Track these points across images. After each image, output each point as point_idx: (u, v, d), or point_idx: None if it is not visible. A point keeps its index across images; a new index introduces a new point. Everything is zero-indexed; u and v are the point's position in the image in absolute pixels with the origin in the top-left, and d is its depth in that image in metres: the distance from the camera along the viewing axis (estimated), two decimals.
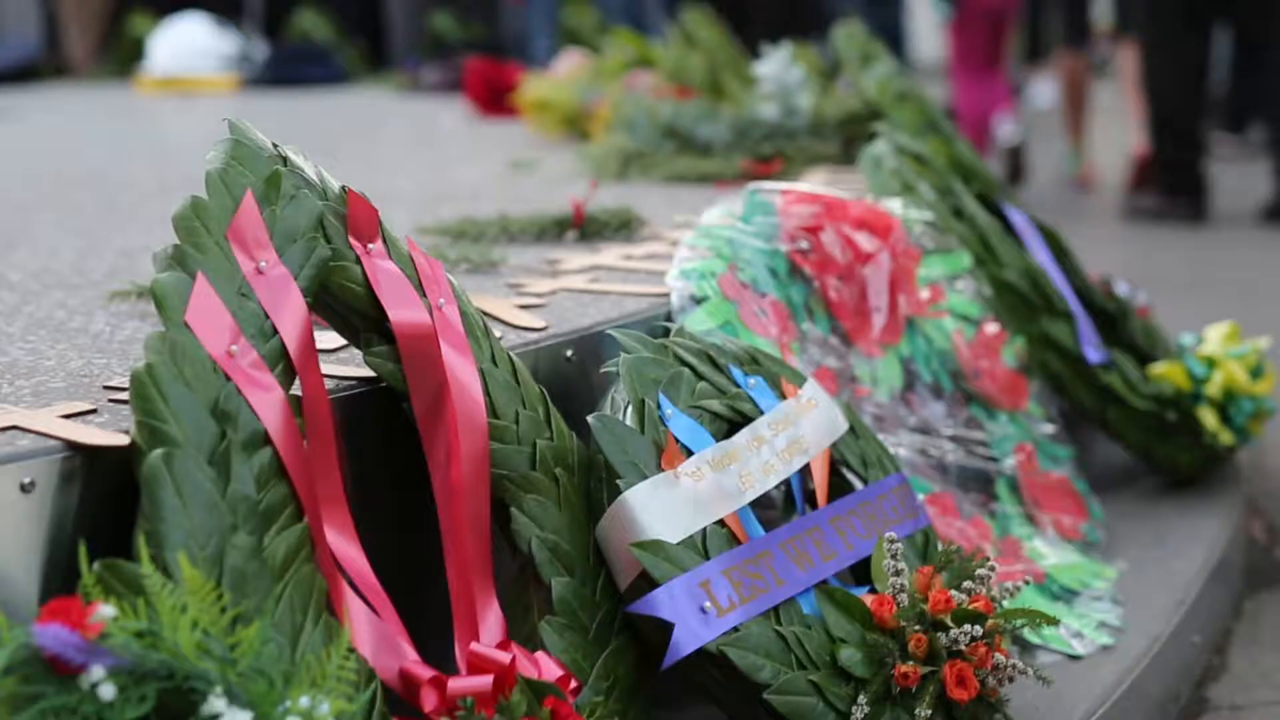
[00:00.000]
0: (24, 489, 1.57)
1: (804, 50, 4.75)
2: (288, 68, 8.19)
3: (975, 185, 3.28)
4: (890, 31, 8.86)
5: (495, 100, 5.96)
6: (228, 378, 1.63)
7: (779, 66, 4.28)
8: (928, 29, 12.78)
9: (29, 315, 2.41)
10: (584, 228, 3.06)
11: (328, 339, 2.04)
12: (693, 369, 2.10)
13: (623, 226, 3.09)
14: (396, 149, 5.52)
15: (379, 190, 2.07)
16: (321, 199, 1.85)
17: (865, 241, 2.66)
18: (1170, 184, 7.60)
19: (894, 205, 2.89)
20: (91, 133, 6.35)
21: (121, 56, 9.05)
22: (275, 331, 1.71)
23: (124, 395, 1.73)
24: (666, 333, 2.20)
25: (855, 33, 4.31)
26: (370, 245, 1.89)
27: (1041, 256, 3.18)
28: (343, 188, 1.90)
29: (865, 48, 4.23)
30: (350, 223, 1.87)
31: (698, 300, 2.43)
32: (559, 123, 5.03)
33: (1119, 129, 10.23)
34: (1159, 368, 3.13)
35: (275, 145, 1.87)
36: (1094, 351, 3.06)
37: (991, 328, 2.89)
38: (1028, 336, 3.01)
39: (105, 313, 2.42)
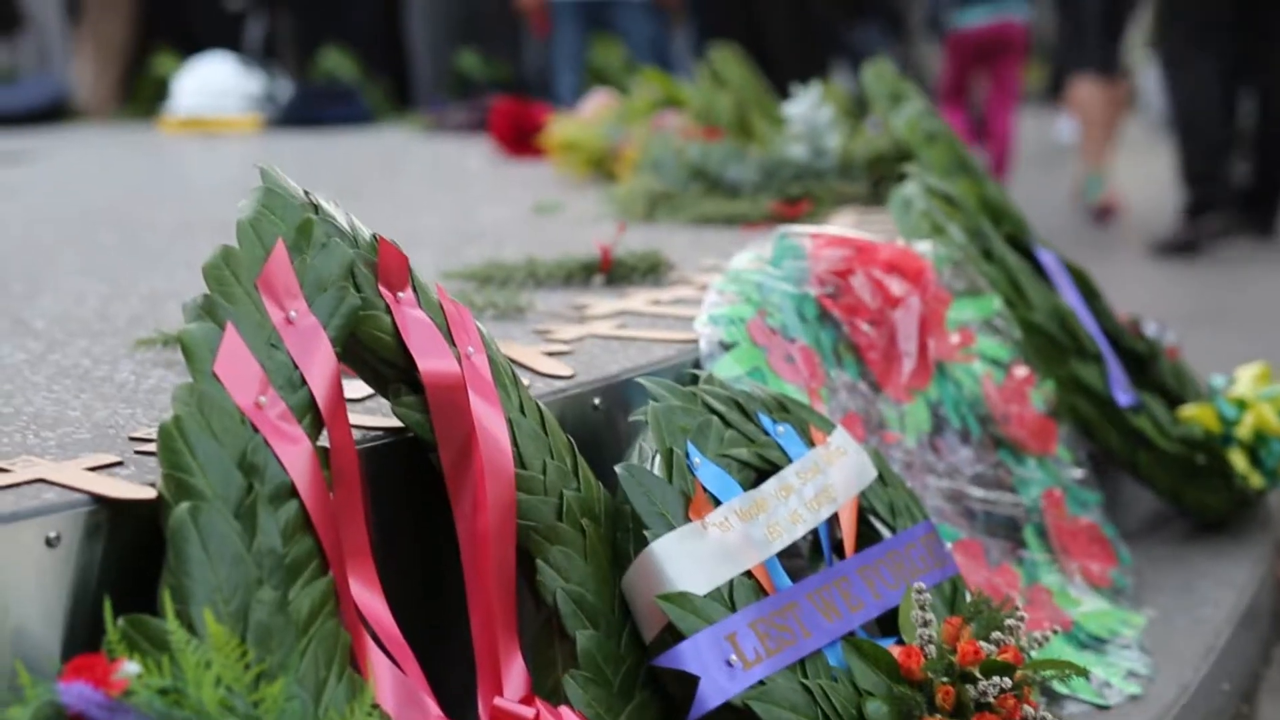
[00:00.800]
0: (49, 543, 1.56)
1: (832, 89, 4.74)
2: (312, 107, 8.19)
3: (1005, 226, 3.26)
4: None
5: (521, 140, 5.93)
6: (255, 430, 1.61)
7: (808, 106, 4.27)
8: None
9: (54, 364, 2.41)
10: (611, 271, 3.05)
11: (353, 388, 2.04)
12: (721, 417, 2.09)
13: (650, 270, 3.07)
14: (421, 189, 5.51)
15: (404, 231, 2.07)
16: (352, 246, 1.84)
17: (896, 286, 2.65)
18: (1195, 204, 7.55)
19: (924, 247, 2.88)
20: (115, 174, 6.35)
21: (145, 96, 9.06)
22: (304, 382, 1.69)
23: (151, 447, 1.72)
24: (695, 380, 2.19)
25: (884, 71, 4.29)
26: (400, 294, 1.87)
27: (1071, 298, 3.16)
28: (373, 235, 1.89)
29: (894, 87, 4.21)
30: (380, 271, 1.86)
31: (726, 346, 2.42)
32: (585, 163, 5.02)
33: (1143, 157, 10.21)
34: (1189, 410, 3.11)
35: (307, 193, 1.86)
36: (1124, 394, 3.04)
37: (1021, 371, 2.87)
38: (1057, 379, 2.99)
39: (130, 361, 2.41)
